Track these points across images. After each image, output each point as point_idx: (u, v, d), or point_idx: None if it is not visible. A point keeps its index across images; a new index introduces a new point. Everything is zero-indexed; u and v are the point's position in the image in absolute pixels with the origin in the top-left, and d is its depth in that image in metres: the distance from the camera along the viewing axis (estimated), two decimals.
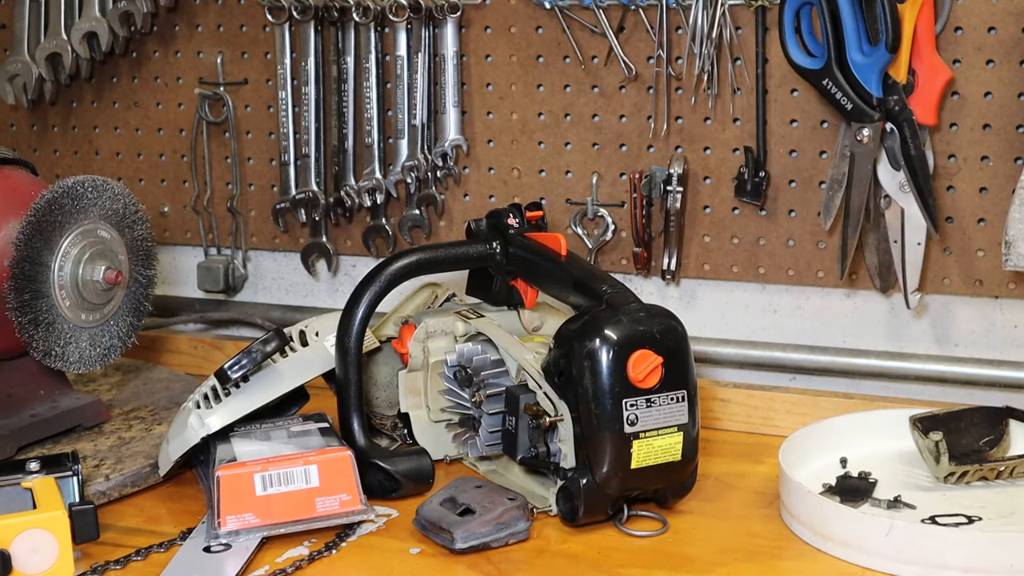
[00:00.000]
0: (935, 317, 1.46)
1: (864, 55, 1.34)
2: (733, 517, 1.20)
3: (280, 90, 1.63)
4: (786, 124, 1.46)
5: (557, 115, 1.55)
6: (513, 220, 1.32)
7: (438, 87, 1.58)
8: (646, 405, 1.13)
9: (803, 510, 1.15)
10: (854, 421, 1.33)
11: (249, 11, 1.66)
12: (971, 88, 1.38)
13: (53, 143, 1.79)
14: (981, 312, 1.44)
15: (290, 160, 1.64)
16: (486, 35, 1.57)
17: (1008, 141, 1.38)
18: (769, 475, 1.28)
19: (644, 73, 1.50)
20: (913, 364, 1.45)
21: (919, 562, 1.07)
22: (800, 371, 1.50)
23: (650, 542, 1.15)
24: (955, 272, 1.43)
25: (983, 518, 1.17)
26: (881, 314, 1.48)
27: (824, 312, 1.50)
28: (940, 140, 1.40)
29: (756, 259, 1.50)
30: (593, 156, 1.54)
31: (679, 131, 1.50)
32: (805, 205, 1.47)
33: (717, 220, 1.50)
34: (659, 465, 1.15)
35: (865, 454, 1.29)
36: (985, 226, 1.40)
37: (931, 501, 1.21)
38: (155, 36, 1.71)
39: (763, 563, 1.12)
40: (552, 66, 1.54)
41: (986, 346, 1.45)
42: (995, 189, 1.39)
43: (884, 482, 1.24)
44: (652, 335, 1.14)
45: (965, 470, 1.23)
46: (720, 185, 1.50)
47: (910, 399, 1.44)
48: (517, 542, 1.15)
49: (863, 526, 1.10)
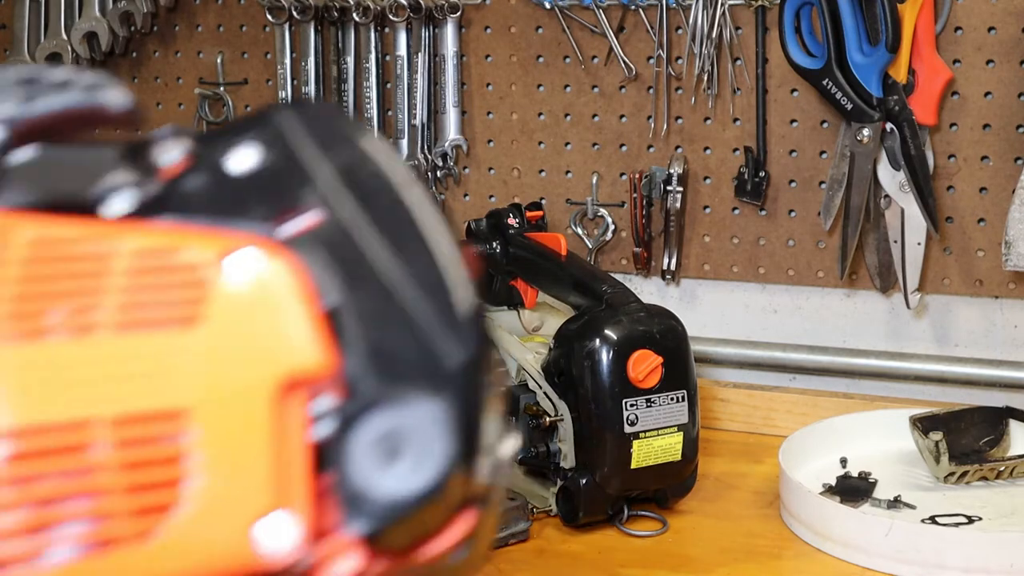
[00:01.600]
0: (935, 317, 1.46)
1: (864, 55, 1.34)
2: (733, 517, 1.20)
3: (280, 90, 1.63)
4: (786, 124, 1.46)
5: (557, 115, 1.55)
6: (513, 220, 1.32)
7: (438, 87, 1.58)
8: (646, 405, 1.13)
9: (803, 510, 1.15)
10: (854, 421, 1.33)
11: (249, 11, 1.66)
12: (971, 88, 1.38)
13: None
14: (981, 312, 1.44)
15: None
16: (486, 35, 1.56)
17: (1008, 141, 1.38)
18: (769, 475, 1.28)
19: (644, 73, 1.50)
20: (913, 364, 1.45)
21: (919, 562, 1.07)
22: (800, 371, 1.50)
23: (650, 542, 1.15)
24: (955, 272, 1.42)
25: (983, 518, 1.17)
26: (881, 314, 1.48)
27: (824, 312, 1.50)
28: (940, 140, 1.40)
29: (756, 259, 1.50)
30: (593, 156, 1.54)
31: (679, 131, 1.50)
32: (805, 205, 1.47)
33: (717, 220, 1.50)
34: (659, 465, 1.15)
35: (865, 454, 1.29)
36: (985, 226, 1.40)
37: (931, 501, 1.20)
38: (155, 36, 1.71)
39: (763, 563, 1.12)
40: (552, 66, 1.54)
41: (986, 346, 1.44)
42: (995, 189, 1.39)
43: (884, 482, 1.24)
44: (652, 335, 1.14)
45: (965, 470, 1.23)
46: (720, 185, 1.50)
47: (910, 399, 1.43)
48: (517, 542, 1.15)
49: (863, 526, 1.10)
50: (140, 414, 0.39)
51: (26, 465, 0.38)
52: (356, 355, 0.41)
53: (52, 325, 0.40)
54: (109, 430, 0.39)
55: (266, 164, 0.43)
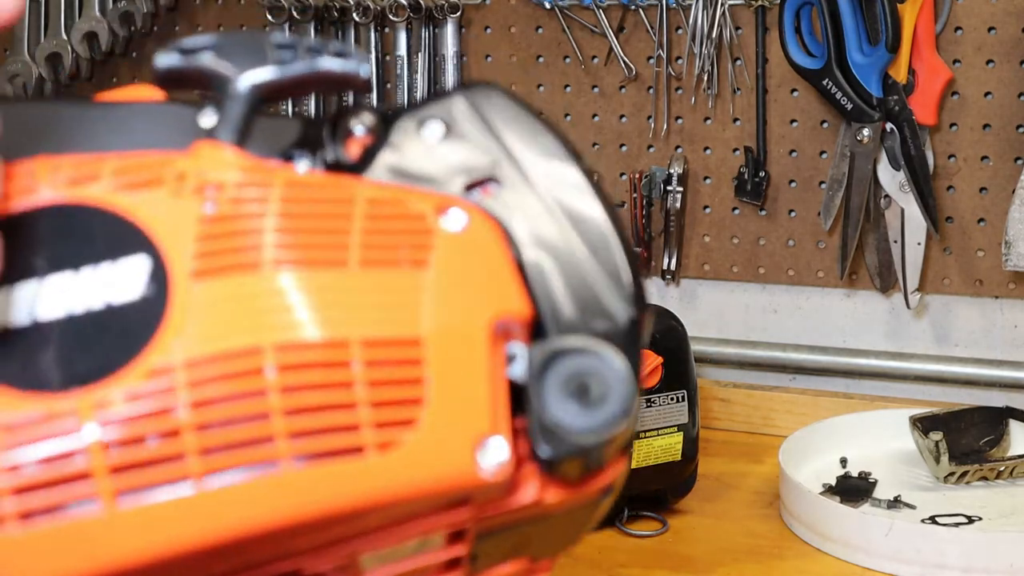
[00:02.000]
0: (935, 317, 1.46)
1: (864, 55, 1.34)
2: (733, 517, 1.20)
3: None
4: (786, 124, 1.46)
5: (557, 115, 1.55)
6: None
7: (438, 87, 1.57)
8: (646, 405, 1.13)
9: (803, 510, 1.15)
10: (854, 421, 1.33)
11: (249, 11, 1.66)
12: (971, 88, 1.38)
13: None
14: (981, 312, 1.44)
15: None
16: (486, 35, 1.56)
17: (1008, 141, 1.38)
18: (769, 475, 1.28)
19: (644, 73, 1.50)
20: (913, 364, 1.45)
21: (919, 562, 1.07)
22: (800, 371, 1.50)
23: (650, 542, 1.15)
24: (955, 272, 1.42)
25: (983, 518, 1.17)
26: (881, 314, 1.48)
27: (824, 312, 1.50)
28: (940, 140, 1.40)
29: (756, 259, 1.50)
30: (593, 156, 1.54)
31: (679, 131, 1.50)
32: (805, 205, 1.47)
33: (717, 220, 1.50)
34: (659, 465, 1.15)
35: (865, 454, 1.29)
36: (985, 226, 1.40)
37: (931, 501, 1.20)
38: (155, 36, 1.71)
39: (763, 563, 1.12)
40: (552, 66, 1.54)
41: (986, 346, 1.44)
42: (995, 189, 1.39)
43: (884, 482, 1.24)
44: (652, 335, 1.14)
45: (965, 470, 1.23)
46: (720, 185, 1.50)
47: (910, 399, 1.43)
48: None
49: (863, 526, 1.10)
50: (386, 339, 0.45)
51: (296, 375, 0.43)
52: (544, 305, 0.48)
53: (319, 258, 0.46)
54: (361, 350, 0.44)
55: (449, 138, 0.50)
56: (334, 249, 0.46)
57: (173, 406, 0.43)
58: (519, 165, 0.50)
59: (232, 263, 0.44)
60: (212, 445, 0.42)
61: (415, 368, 0.45)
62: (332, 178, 0.48)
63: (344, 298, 0.45)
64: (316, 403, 0.43)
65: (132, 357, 0.43)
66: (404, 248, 0.46)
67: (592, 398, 0.46)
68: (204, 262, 0.44)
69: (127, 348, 0.43)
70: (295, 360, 0.43)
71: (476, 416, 0.45)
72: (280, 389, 0.43)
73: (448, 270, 0.46)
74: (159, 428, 0.42)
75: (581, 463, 0.48)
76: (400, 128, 0.50)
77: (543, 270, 0.48)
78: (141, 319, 0.44)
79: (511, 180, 0.49)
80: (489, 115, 0.50)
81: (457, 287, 0.46)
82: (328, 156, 0.50)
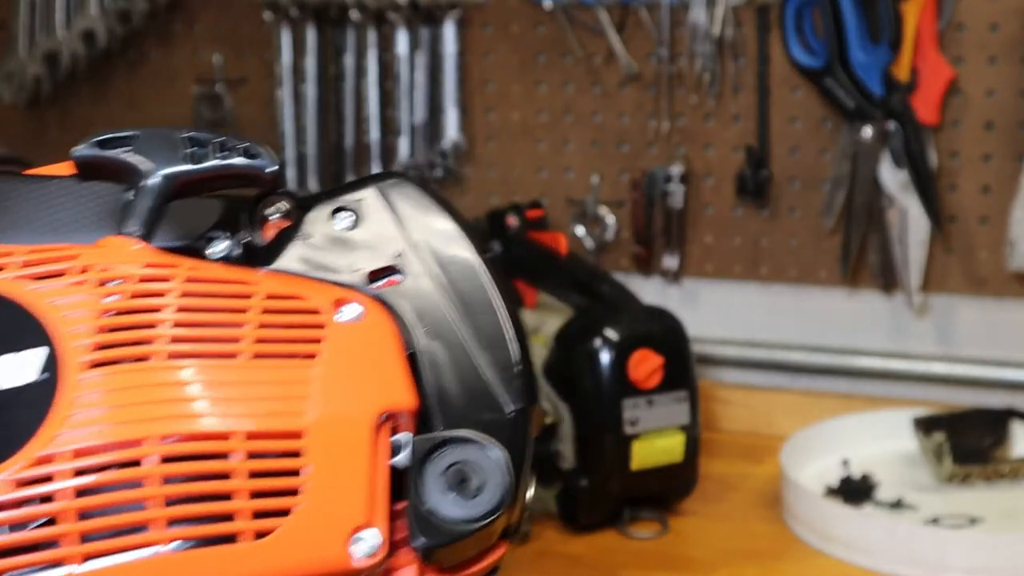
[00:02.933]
0: (938, 317, 1.45)
1: (866, 54, 1.34)
2: (734, 518, 1.20)
3: (278, 89, 1.62)
4: (788, 123, 1.45)
5: (557, 114, 1.54)
6: (513, 220, 1.32)
7: (438, 86, 1.57)
8: (647, 406, 1.13)
9: (805, 511, 1.15)
10: (856, 422, 1.32)
11: (248, 9, 1.65)
12: (973, 86, 1.38)
13: (50, 141, 1.79)
14: (984, 312, 1.44)
15: (289, 159, 1.63)
16: (486, 34, 1.56)
17: (1011, 139, 1.37)
18: (771, 476, 1.27)
19: (645, 72, 1.49)
20: (916, 364, 1.44)
21: (921, 563, 1.07)
22: (802, 371, 1.49)
23: (651, 543, 1.15)
24: (958, 271, 1.42)
25: (986, 519, 1.16)
26: (883, 314, 1.47)
27: (826, 312, 1.50)
28: (942, 139, 1.40)
29: (758, 259, 1.49)
30: (594, 155, 1.53)
31: (680, 130, 1.49)
32: (807, 204, 1.46)
33: (718, 219, 1.50)
34: (660, 466, 1.15)
35: (867, 455, 1.29)
36: (988, 225, 1.40)
37: (933, 502, 1.20)
38: (153, 34, 1.70)
39: (765, 564, 1.11)
40: (552, 65, 1.53)
41: (989, 346, 1.44)
42: (998, 188, 1.39)
43: (886, 483, 1.24)
44: (653, 335, 1.14)
45: (968, 471, 1.23)
46: (721, 184, 1.49)
47: (912, 400, 1.43)
48: (517, 544, 1.14)
49: (865, 527, 1.09)
50: (268, 431, 0.47)
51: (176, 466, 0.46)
52: (432, 394, 0.50)
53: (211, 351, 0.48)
54: (242, 442, 0.46)
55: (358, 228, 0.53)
56: (227, 342, 0.48)
57: (55, 493, 0.45)
58: (421, 255, 0.52)
59: (125, 354, 0.47)
60: (91, 530, 0.45)
61: (294, 460, 0.47)
62: (235, 271, 0.51)
63: (231, 391, 0.47)
64: (194, 492, 0.46)
65: (19, 445, 0.45)
66: (297, 342, 0.49)
67: (470, 489, 0.49)
68: (98, 354, 0.47)
69: (14, 437, 0.46)
70: (176, 451, 0.46)
71: (352, 506, 0.47)
72: (160, 479, 0.45)
73: (338, 363, 0.49)
74: (40, 514, 0.45)
75: (458, 551, 0.50)
76: (313, 217, 0.53)
77: (436, 360, 0.51)
78: (31, 408, 0.46)
79: (413, 269, 0.52)
80: (398, 205, 0.53)
81: (345, 379, 0.49)
82: (245, 238, 0.53)
